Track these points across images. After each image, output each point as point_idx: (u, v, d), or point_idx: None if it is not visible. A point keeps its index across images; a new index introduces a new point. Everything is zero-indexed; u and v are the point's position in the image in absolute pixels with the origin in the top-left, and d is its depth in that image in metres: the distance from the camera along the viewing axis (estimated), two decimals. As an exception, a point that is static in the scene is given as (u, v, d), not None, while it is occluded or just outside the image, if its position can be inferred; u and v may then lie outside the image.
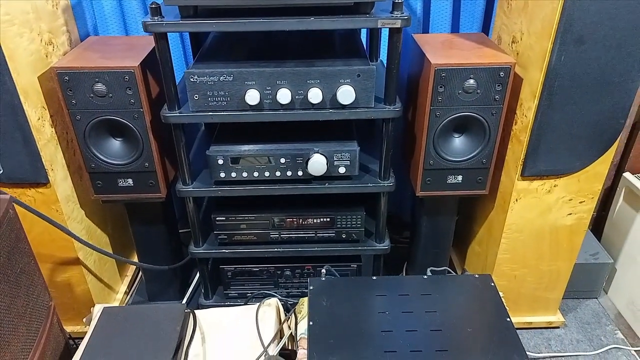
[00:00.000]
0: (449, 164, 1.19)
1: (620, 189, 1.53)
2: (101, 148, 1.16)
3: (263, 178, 1.18)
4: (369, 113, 1.11)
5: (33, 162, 1.11)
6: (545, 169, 1.15)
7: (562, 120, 1.08)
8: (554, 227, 1.25)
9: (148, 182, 1.22)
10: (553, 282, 1.36)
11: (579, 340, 1.42)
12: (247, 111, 1.09)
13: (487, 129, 1.14)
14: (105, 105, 1.10)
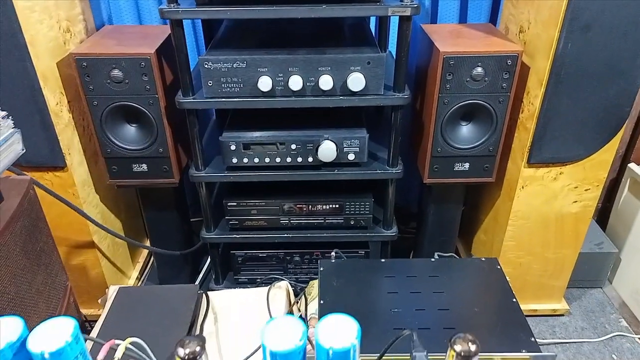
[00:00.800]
0: (457, 152, 1.21)
1: (625, 180, 1.55)
2: (117, 133, 1.19)
3: (274, 164, 1.21)
4: (378, 100, 1.13)
5: (51, 146, 1.14)
6: (552, 156, 1.17)
7: (569, 108, 1.10)
8: (559, 214, 1.27)
9: (162, 167, 1.25)
10: (558, 270, 1.38)
11: (583, 328, 1.44)
12: (260, 98, 1.11)
13: (494, 116, 1.16)
14: (121, 91, 1.12)
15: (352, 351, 0.40)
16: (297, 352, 0.40)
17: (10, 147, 0.84)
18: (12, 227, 0.90)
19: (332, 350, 0.40)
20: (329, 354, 0.40)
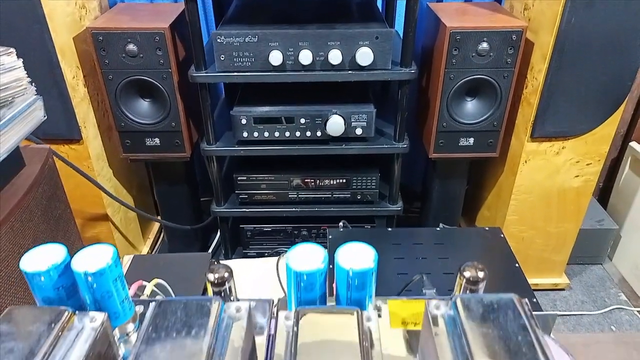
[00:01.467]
0: (462, 127, 1.24)
1: (626, 158, 1.58)
2: (131, 108, 1.23)
3: (283, 138, 1.24)
4: (386, 75, 1.16)
5: (68, 119, 1.17)
6: (554, 130, 1.20)
7: (571, 82, 1.13)
8: (561, 188, 1.30)
9: (174, 141, 1.28)
10: (560, 244, 1.42)
11: (583, 301, 1.48)
12: (271, 72, 1.14)
13: (498, 91, 1.19)
14: (136, 65, 1.16)
15: (370, 273, 0.44)
16: (319, 273, 0.43)
17: (33, 112, 0.88)
18: (34, 192, 0.94)
19: (352, 271, 0.43)
20: (349, 274, 0.43)
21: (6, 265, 0.84)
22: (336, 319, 0.39)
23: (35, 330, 0.38)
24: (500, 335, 0.36)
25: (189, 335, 0.37)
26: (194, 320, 0.38)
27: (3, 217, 0.82)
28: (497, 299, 0.39)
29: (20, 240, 0.88)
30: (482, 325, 0.37)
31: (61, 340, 0.39)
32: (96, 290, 0.44)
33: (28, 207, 0.91)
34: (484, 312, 0.38)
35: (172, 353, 0.35)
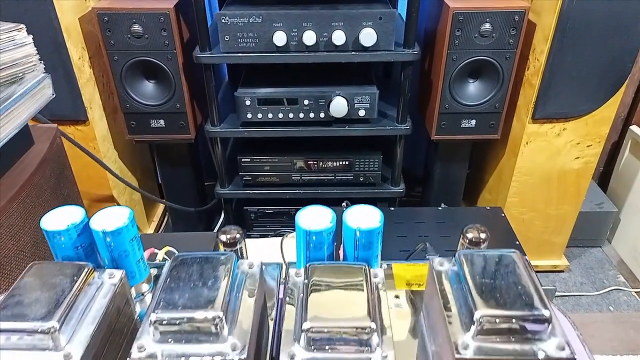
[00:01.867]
0: (464, 108, 1.26)
1: (626, 142, 1.59)
2: (136, 89, 1.24)
3: (287, 120, 1.25)
4: (389, 56, 1.17)
5: (74, 99, 1.19)
6: (555, 111, 1.21)
7: (573, 63, 1.14)
8: (562, 170, 1.32)
9: (179, 123, 1.29)
10: (559, 226, 1.43)
11: (582, 283, 1.50)
12: (275, 53, 1.15)
13: (500, 73, 1.20)
14: (141, 46, 1.16)
15: (377, 232, 0.45)
16: (327, 232, 0.45)
17: (42, 90, 0.89)
18: (43, 170, 0.95)
19: (359, 230, 0.45)
20: (356, 233, 0.45)
21: (17, 239, 0.86)
22: (345, 273, 0.41)
23: (59, 282, 0.40)
24: (501, 285, 0.38)
25: (205, 285, 0.38)
26: (209, 272, 0.40)
27: (15, 192, 0.84)
28: (498, 254, 0.41)
29: (30, 216, 0.89)
30: (484, 277, 0.39)
31: (82, 294, 0.41)
32: (114, 249, 0.46)
33: (38, 184, 0.92)
34: (485, 265, 0.40)
35: (190, 300, 0.37)
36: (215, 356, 0.36)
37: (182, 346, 0.36)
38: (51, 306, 0.38)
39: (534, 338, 0.36)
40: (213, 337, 0.36)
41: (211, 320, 0.36)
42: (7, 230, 0.83)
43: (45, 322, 0.37)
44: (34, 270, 0.41)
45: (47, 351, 0.37)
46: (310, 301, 0.38)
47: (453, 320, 0.38)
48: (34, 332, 0.36)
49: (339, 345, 0.37)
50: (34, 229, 0.91)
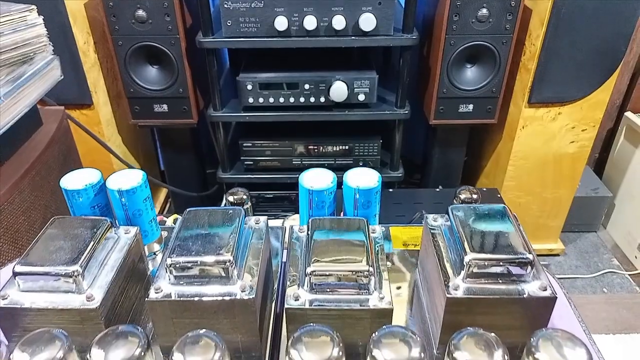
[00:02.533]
0: (461, 93, 1.28)
1: (621, 128, 1.62)
2: (140, 74, 1.26)
3: (288, 104, 1.28)
4: (388, 40, 1.19)
5: (79, 84, 1.21)
6: (551, 95, 1.24)
7: (568, 48, 1.16)
8: (557, 154, 1.35)
9: (181, 107, 1.32)
10: (555, 210, 1.46)
11: (577, 266, 1.53)
12: (276, 37, 1.18)
13: (497, 58, 1.23)
14: (145, 31, 1.19)
15: (375, 192, 0.48)
16: (328, 191, 0.48)
17: (51, 71, 0.92)
18: (52, 149, 0.98)
19: (358, 190, 0.48)
20: (356, 193, 0.48)
21: (28, 215, 0.89)
22: (345, 225, 0.44)
23: (79, 234, 0.43)
24: (489, 234, 0.41)
25: (215, 234, 0.41)
26: (219, 223, 0.43)
27: (26, 169, 0.87)
28: (487, 208, 0.44)
29: (40, 193, 0.92)
30: (474, 227, 0.42)
31: (100, 246, 0.44)
32: (128, 207, 0.49)
33: (47, 162, 0.95)
34: (475, 217, 0.43)
35: (202, 246, 0.40)
36: (225, 296, 0.39)
37: (195, 287, 0.39)
38: (74, 254, 0.41)
39: (519, 280, 0.39)
40: (223, 280, 0.39)
41: (222, 263, 0.39)
42: (18, 206, 0.86)
43: (69, 267, 0.40)
44: (56, 224, 0.44)
45: (70, 293, 0.40)
46: (312, 248, 0.41)
47: (445, 266, 0.41)
48: (59, 276, 0.39)
49: (339, 288, 0.40)
50: (43, 206, 0.94)
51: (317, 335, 0.33)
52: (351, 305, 0.39)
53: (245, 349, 0.42)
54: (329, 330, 0.34)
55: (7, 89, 0.78)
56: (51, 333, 0.34)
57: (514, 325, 0.39)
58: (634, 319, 1.34)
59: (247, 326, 0.40)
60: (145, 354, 0.33)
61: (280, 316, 0.50)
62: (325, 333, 0.33)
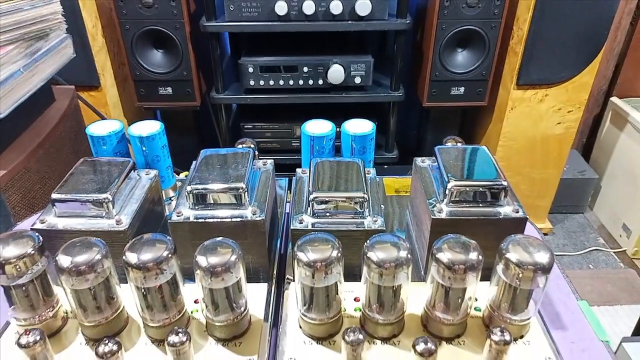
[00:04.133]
0: (453, 76, 1.34)
1: (607, 113, 1.68)
2: (145, 58, 1.31)
3: (287, 86, 1.34)
4: (383, 25, 1.25)
5: (88, 66, 1.26)
6: (538, 77, 1.30)
7: (553, 31, 1.22)
8: (544, 135, 1.41)
9: (185, 90, 1.37)
10: (543, 190, 1.53)
11: (564, 244, 1.59)
12: (276, 22, 1.24)
13: (487, 41, 1.29)
14: (151, 15, 1.24)
15: (370, 138, 0.54)
16: (328, 137, 0.53)
17: (64, 49, 0.97)
18: (64, 124, 1.03)
19: (354, 136, 0.53)
20: (353, 138, 0.53)
21: (44, 184, 0.94)
22: (344, 164, 0.49)
23: (107, 171, 0.49)
24: (469, 167, 0.47)
25: (229, 168, 0.47)
26: (232, 160, 0.48)
27: (41, 140, 0.92)
28: (471, 148, 0.50)
29: (54, 164, 0.97)
30: (456, 162, 0.48)
31: (125, 182, 0.49)
32: (148, 153, 0.54)
33: (60, 136, 1.00)
34: (458, 154, 0.49)
35: (218, 177, 0.45)
36: (237, 218, 0.44)
37: (211, 211, 0.45)
38: (104, 185, 0.46)
39: (495, 204, 0.45)
40: (236, 205, 0.45)
41: (235, 190, 0.45)
42: (35, 175, 0.91)
43: (100, 194, 0.45)
44: (85, 163, 0.50)
45: (101, 218, 0.45)
46: (314, 180, 0.47)
47: (431, 196, 0.47)
48: (91, 202, 0.45)
49: (338, 214, 0.45)
50: (58, 176, 0.99)
51: (320, 240, 0.39)
52: (348, 226, 0.45)
53: (255, 270, 0.47)
54: (329, 236, 0.39)
55: (25, 62, 0.83)
56: (90, 240, 0.39)
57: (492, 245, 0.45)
58: (617, 292, 1.40)
59: (257, 247, 0.46)
60: (172, 256, 0.38)
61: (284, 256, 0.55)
62: (326, 239, 0.39)
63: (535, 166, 1.48)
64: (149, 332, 0.41)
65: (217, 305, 0.39)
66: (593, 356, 0.47)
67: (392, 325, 0.40)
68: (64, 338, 0.42)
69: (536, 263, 0.37)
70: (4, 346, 0.41)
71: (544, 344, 0.41)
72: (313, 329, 0.41)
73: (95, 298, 0.39)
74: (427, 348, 0.36)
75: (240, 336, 0.41)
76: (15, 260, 0.38)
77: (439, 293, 0.39)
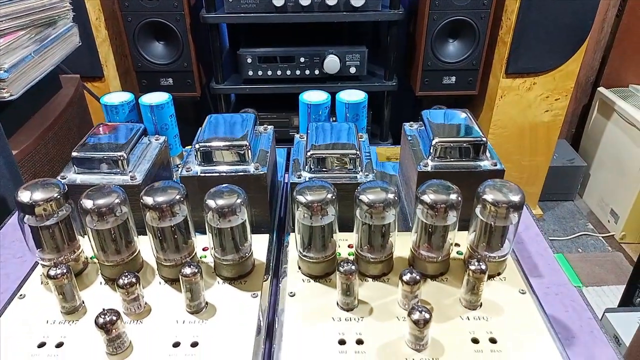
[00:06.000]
0: (445, 66, 1.39)
1: (595, 103, 1.74)
2: (147, 49, 1.36)
3: (285, 76, 1.38)
4: (376, 15, 1.30)
5: (91, 57, 1.31)
6: (526, 66, 1.35)
7: (540, 21, 1.28)
8: (533, 123, 1.46)
9: (186, 81, 1.42)
10: (533, 177, 1.58)
11: (554, 230, 1.64)
12: (273, 13, 1.28)
13: (477, 31, 1.34)
14: (152, 8, 1.29)
15: (362, 106, 0.58)
16: (323, 106, 0.58)
17: (70, 37, 1.01)
18: (70, 110, 1.07)
19: (348, 103, 0.58)
20: (346, 106, 0.58)
21: (52, 166, 0.98)
22: (338, 126, 0.54)
23: (122, 134, 0.53)
24: (452, 126, 0.52)
25: (233, 128, 0.51)
26: (236, 122, 0.53)
27: (50, 123, 0.96)
28: (455, 111, 0.54)
29: (62, 147, 1.02)
30: (441, 122, 0.52)
31: (138, 145, 0.54)
32: (157, 121, 0.59)
33: (67, 121, 1.05)
34: (442, 116, 0.53)
35: (224, 136, 0.50)
36: (241, 172, 0.49)
37: (218, 167, 0.49)
38: (119, 145, 0.51)
39: (476, 159, 0.50)
40: (240, 162, 0.49)
41: (238, 148, 0.49)
42: (43, 156, 0.96)
43: (116, 152, 0.49)
44: (100, 127, 0.54)
45: (116, 175, 0.50)
46: (311, 140, 0.51)
47: (418, 154, 0.51)
48: (108, 160, 0.49)
49: (334, 169, 0.50)
50: (64, 159, 1.03)
51: (316, 185, 0.43)
52: (342, 180, 0.49)
53: (258, 223, 0.52)
54: (325, 183, 0.44)
55: (36, 47, 0.88)
56: (110, 187, 0.43)
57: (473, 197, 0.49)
58: (604, 274, 1.45)
59: (260, 200, 0.50)
60: (183, 200, 0.43)
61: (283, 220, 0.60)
62: (322, 184, 0.43)
63: (525, 154, 1.53)
64: (163, 273, 0.45)
65: (224, 246, 0.44)
66: (565, 298, 0.51)
67: (382, 263, 0.45)
68: (85, 279, 0.46)
69: (509, 201, 0.42)
70: (33, 285, 0.45)
71: (519, 280, 0.45)
72: (311, 267, 0.45)
73: (115, 240, 0.44)
74: (412, 277, 0.40)
75: (245, 276, 0.46)
76: (43, 203, 0.42)
77: (423, 233, 0.44)
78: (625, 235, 1.59)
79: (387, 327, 0.40)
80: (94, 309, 0.42)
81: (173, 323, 0.41)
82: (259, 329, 0.41)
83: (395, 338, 0.39)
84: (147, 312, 0.42)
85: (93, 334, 0.39)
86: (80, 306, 0.42)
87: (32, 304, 0.43)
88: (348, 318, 0.41)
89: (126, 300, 0.41)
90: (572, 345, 0.47)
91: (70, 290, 0.41)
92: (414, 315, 0.37)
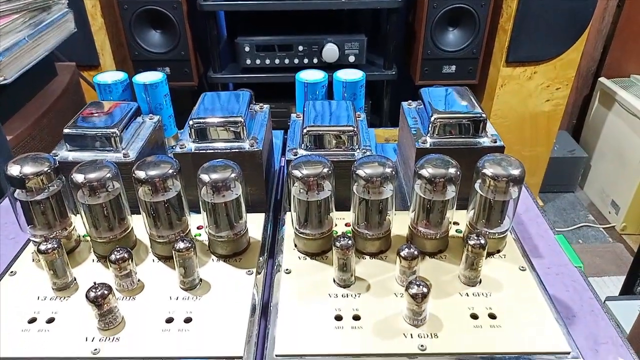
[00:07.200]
0: (444, 54, 1.38)
1: (596, 93, 1.72)
2: (143, 38, 1.35)
3: (283, 65, 1.37)
4: (375, 3, 1.29)
5: (87, 45, 1.29)
6: (527, 54, 1.34)
7: (541, 8, 1.26)
8: (534, 112, 1.45)
9: (183, 70, 1.40)
10: (534, 167, 1.57)
11: (555, 221, 1.63)
12: (272, 0, 1.27)
13: (477, 20, 1.32)
14: (149, -5, 1.28)
15: (360, 85, 0.57)
16: (320, 85, 0.57)
17: (65, 23, 1.00)
18: (66, 97, 1.06)
19: (345, 82, 0.57)
20: (344, 84, 0.57)
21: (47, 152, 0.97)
22: (335, 104, 0.53)
23: (115, 112, 0.52)
24: (450, 102, 0.51)
25: (229, 105, 0.50)
26: (232, 99, 0.52)
27: (45, 109, 0.95)
28: (453, 88, 0.53)
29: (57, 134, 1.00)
30: (439, 98, 0.51)
31: (132, 123, 0.53)
32: (151, 101, 0.58)
33: (62, 108, 1.04)
34: (442, 93, 0.52)
35: (219, 113, 0.49)
36: (235, 149, 0.48)
37: (212, 144, 0.48)
38: (112, 122, 0.50)
39: (476, 135, 0.49)
40: (235, 139, 0.48)
41: (233, 124, 0.48)
42: (39, 143, 0.95)
43: (109, 129, 0.48)
44: (93, 105, 0.53)
45: (110, 152, 0.49)
46: (308, 117, 0.50)
47: (416, 131, 0.50)
48: (102, 137, 0.48)
49: (330, 146, 0.49)
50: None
51: (312, 160, 0.42)
52: (339, 157, 0.48)
53: (253, 202, 0.51)
54: (321, 157, 0.43)
55: (30, 31, 0.86)
56: (102, 162, 0.42)
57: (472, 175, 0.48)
58: (605, 265, 1.44)
59: (255, 178, 0.49)
60: (177, 175, 0.42)
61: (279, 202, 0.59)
62: (318, 159, 0.42)
63: (526, 144, 1.51)
64: (156, 250, 0.44)
65: (218, 222, 0.43)
66: (566, 278, 0.50)
67: (379, 240, 0.44)
68: (77, 257, 0.45)
69: (509, 175, 0.41)
70: (24, 263, 0.44)
71: (519, 257, 0.45)
72: (307, 244, 0.44)
73: (107, 216, 0.43)
74: (410, 252, 0.39)
75: (240, 253, 0.45)
76: (33, 176, 0.41)
77: (421, 210, 0.43)
78: (626, 226, 1.58)
79: (385, 303, 0.39)
80: (86, 286, 0.41)
81: (166, 299, 0.40)
82: (254, 305, 0.40)
83: (392, 314, 0.39)
84: (139, 288, 0.41)
85: (85, 310, 0.38)
86: (71, 283, 0.42)
87: (22, 281, 0.43)
88: (345, 294, 0.40)
89: (119, 276, 0.40)
90: (572, 324, 0.46)
91: (61, 266, 0.40)
92: (412, 289, 0.36)
